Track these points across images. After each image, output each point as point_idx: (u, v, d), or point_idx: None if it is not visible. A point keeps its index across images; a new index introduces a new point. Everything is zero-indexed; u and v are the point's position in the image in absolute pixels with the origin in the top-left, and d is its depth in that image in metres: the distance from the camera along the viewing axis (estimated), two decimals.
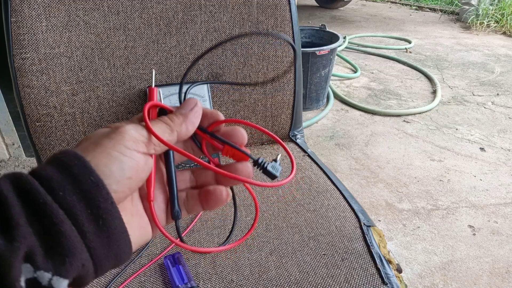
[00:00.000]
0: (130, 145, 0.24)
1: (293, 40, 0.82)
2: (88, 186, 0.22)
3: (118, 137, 0.24)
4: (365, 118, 2.00)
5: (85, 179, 0.22)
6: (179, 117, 0.28)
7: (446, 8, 4.17)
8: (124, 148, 0.24)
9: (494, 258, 1.17)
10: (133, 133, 0.25)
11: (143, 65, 0.76)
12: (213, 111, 0.30)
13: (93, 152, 0.23)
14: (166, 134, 0.27)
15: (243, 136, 0.29)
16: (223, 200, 0.29)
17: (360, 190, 1.46)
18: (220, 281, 0.52)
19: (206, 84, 0.76)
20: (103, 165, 0.23)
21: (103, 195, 0.22)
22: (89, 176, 0.22)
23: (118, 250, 0.23)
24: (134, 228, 0.26)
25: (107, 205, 0.22)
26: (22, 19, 0.67)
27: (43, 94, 0.71)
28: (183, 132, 0.28)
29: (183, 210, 0.30)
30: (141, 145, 0.25)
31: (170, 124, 0.27)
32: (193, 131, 0.28)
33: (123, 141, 0.24)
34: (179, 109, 0.29)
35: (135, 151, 0.25)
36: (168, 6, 0.74)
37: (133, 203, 0.28)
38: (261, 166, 0.29)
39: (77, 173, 0.22)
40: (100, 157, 0.23)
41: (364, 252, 0.56)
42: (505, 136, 1.82)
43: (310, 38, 2.18)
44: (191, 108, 0.28)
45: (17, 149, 1.56)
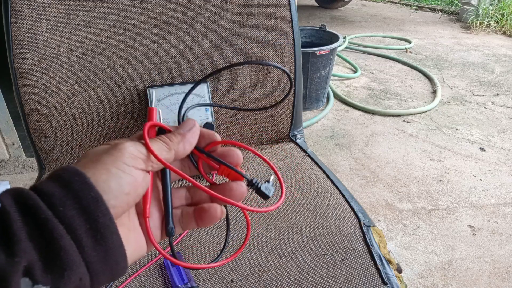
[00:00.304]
0: (129, 162, 0.25)
1: (293, 40, 0.82)
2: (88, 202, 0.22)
3: (118, 153, 0.25)
4: (365, 118, 2.00)
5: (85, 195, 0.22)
6: (177, 136, 0.29)
7: (446, 8, 4.17)
8: (123, 164, 0.25)
9: (494, 258, 1.17)
10: (132, 150, 0.26)
11: (143, 65, 0.76)
12: (210, 132, 0.31)
13: (93, 169, 0.24)
14: (164, 152, 0.27)
15: (238, 157, 0.30)
16: (217, 217, 0.30)
17: (360, 190, 1.46)
18: (220, 281, 0.52)
19: (206, 84, 0.76)
20: (102, 181, 0.24)
21: (102, 211, 0.23)
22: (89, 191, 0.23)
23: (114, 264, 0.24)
24: (130, 243, 0.27)
25: (106, 220, 0.23)
26: (22, 19, 0.67)
27: (43, 94, 0.71)
28: (181, 151, 0.28)
29: (177, 226, 0.31)
30: (139, 162, 0.26)
31: (168, 142, 0.28)
32: (190, 150, 0.29)
33: (122, 157, 0.25)
34: (178, 129, 0.30)
35: (133, 167, 0.25)
36: (168, 6, 0.74)
37: (130, 219, 0.28)
38: (255, 187, 0.30)
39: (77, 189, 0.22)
40: (100, 173, 0.24)
41: (364, 252, 0.56)
42: (505, 136, 1.82)
43: (310, 38, 2.18)
44: (189, 129, 0.29)
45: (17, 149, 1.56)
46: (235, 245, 0.58)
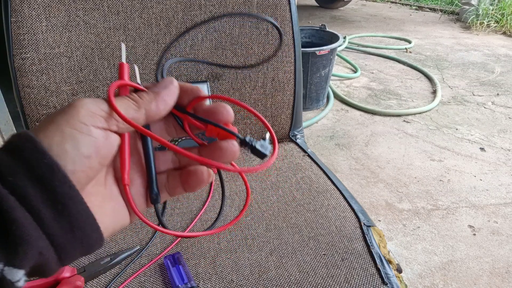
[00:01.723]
0: (86, 120, 0.22)
1: (293, 40, 0.82)
2: (42, 169, 0.20)
3: (73, 111, 0.22)
4: (365, 118, 2.00)
5: (37, 163, 0.20)
6: (150, 95, 0.25)
7: (446, 8, 4.17)
8: (79, 123, 0.22)
9: (494, 258, 1.17)
10: (90, 106, 0.23)
11: (143, 65, 0.76)
12: (193, 87, 0.27)
13: (45, 131, 0.21)
14: (131, 111, 0.24)
15: (228, 113, 0.27)
16: (204, 180, 0.27)
17: (360, 190, 1.46)
18: (220, 281, 0.52)
19: (206, 84, 0.76)
20: (56, 144, 0.21)
21: (59, 178, 0.20)
22: (41, 159, 0.20)
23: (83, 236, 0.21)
24: (106, 212, 0.25)
25: (65, 189, 0.21)
26: (22, 19, 0.67)
27: (43, 94, 0.71)
28: (153, 110, 0.25)
29: (163, 192, 0.28)
30: (99, 119, 0.23)
31: (137, 100, 0.25)
32: (165, 110, 0.26)
33: (78, 115, 0.22)
34: (152, 87, 0.26)
35: (92, 126, 0.22)
36: (168, 6, 0.74)
37: (106, 187, 0.26)
38: (249, 145, 0.26)
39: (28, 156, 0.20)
40: (52, 135, 0.21)
41: (364, 252, 0.56)
42: (505, 136, 1.82)
43: (310, 38, 2.18)
44: (164, 86, 0.26)
45: None
46: (234, 245, 0.58)
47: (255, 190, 0.70)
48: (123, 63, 0.27)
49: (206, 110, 0.27)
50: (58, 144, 0.21)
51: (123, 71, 0.27)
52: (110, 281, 0.52)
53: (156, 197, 0.27)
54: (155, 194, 0.27)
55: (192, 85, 0.28)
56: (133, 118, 0.24)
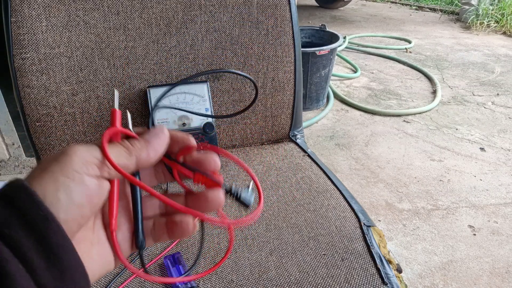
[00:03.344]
0: (79, 169, 0.23)
1: (293, 40, 0.82)
2: (36, 220, 0.20)
3: (66, 159, 0.23)
4: (365, 118, 2.00)
5: (32, 213, 0.20)
6: (141, 142, 0.26)
7: (446, 8, 4.17)
8: (72, 172, 0.22)
9: (494, 258, 1.17)
10: (83, 154, 0.23)
11: (143, 65, 0.76)
12: (184, 136, 0.29)
13: (39, 180, 0.22)
14: (123, 158, 0.25)
15: (215, 163, 0.28)
16: (189, 231, 0.27)
17: (360, 190, 1.46)
18: (220, 281, 0.52)
19: (206, 84, 0.76)
20: (50, 193, 0.21)
21: (53, 228, 0.21)
22: (37, 209, 0.21)
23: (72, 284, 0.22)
24: (93, 258, 0.25)
25: (58, 239, 0.21)
26: (22, 19, 0.67)
27: (43, 94, 0.71)
28: (143, 158, 0.26)
29: (149, 238, 0.28)
30: (92, 167, 0.23)
31: (129, 147, 0.26)
32: (155, 158, 0.27)
33: (72, 164, 0.23)
34: (144, 135, 0.27)
35: (85, 174, 0.23)
36: (168, 6, 0.74)
37: (94, 232, 0.26)
38: (234, 195, 0.28)
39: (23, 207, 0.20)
40: (46, 184, 0.22)
41: (364, 252, 0.56)
42: (505, 136, 1.82)
43: (310, 38, 2.18)
44: (155, 134, 0.27)
45: (17, 149, 1.56)
46: (235, 245, 0.58)
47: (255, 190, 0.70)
48: (115, 110, 0.28)
49: (195, 159, 0.28)
50: (52, 193, 0.21)
51: (115, 117, 0.28)
52: (110, 281, 0.52)
53: (141, 243, 0.28)
54: (141, 240, 0.28)
55: (183, 134, 0.29)
56: (124, 165, 0.25)
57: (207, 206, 0.27)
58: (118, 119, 0.28)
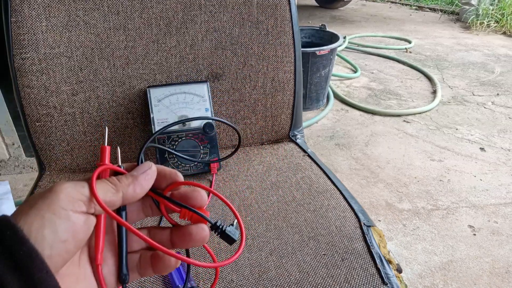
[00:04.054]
0: (65, 205, 0.23)
1: (293, 40, 0.82)
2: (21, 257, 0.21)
3: (53, 196, 0.23)
4: (365, 118, 2.00)
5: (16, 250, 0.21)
6: (128, 178, 0.27)
7: (446, 8, 4.17)
8: (58, 208, 0.23)
9: (494, 258, 1.17)
10: (70, 191, 0.24)
11: (143, 65, 0.76)
12: (172, 172, 0.29)
13: (25, 216, 0.22)
14: (110, 194, 0.25)
15: (202, 199, 0.29)
16: (171, 267, 0.28)
17: (360, 190, 1.46)
18: (220, 281, 0.52)
19: (206, 84, 0.76)
20: (35, 229, 0.22)
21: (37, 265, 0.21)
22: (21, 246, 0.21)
23: None
24: None
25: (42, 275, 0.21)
26: (22, 19, 0.67)
27: (43, 94, 0.71)
28: (130, 193, 0.26)
29: (134, 273, 0.29)
30: (79, 204, 0.24)
31: (116, 184, 0.26)
32: (142, 194, 0.27)
33: (58, 200, 0.23)
34: (131, 171, 0.28)
35: (71, 211, 0.23)
36: (168, 6, 0.74)
37: (80, 267, 0.26)
38: (219, 230, 0.29)
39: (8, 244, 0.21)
40: (32, 220, 0.22)
41: (364, 252, 0.56)
42: (505, 136, 1.82)
43: (310, 38, 2.18)
44: (143, 171, 0.28)
45: (17, 149, 1.56)
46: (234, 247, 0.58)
47: (255, 190, 0.70)
48: (105, 146, 0.29)
49: (182, 194, 0.29)
50: (37, 229, 0.22)
51: (105, 154, 0.28)
52: None
53: (124, 277, 0.28)
54: (124, 275, 0.28)
55: (171, 170, 0.29)
56: (110, 201, 0.26)
57: (191, 241, 0.28)
58: (107, 155, 0.28)
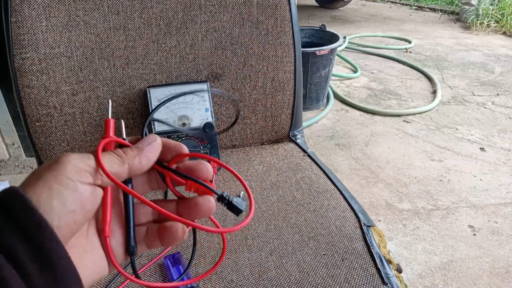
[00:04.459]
0: (73, 176, 0.23)
1: (293, 40, 0.82)
2: (31, 227, 0.21)
3: (60, 167, 0.23)
4: (365, 118, 2.00)
5: (26, 220, 0.21)
6: (134, 150, 0.27)
7: (446, 8, 4.17)
8: (66, 179, 0.23)
9: (494, 258, 1.17)
10: (76, 162, 0.24)
11: (143, 65, 0.76)
12: (176, 144, 0.29)
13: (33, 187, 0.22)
14: (116, 165, 0.26)
15: (208, 171, 0.29)
16: (178, 238, 0.28)
17: (360, 190, 1.46)
18: (220, 281, 0.52)
19: (206, 84, 0.76)
20: (43, 200, 0.22)
21: (46, 235, 0.21)
22: (31, 216, 0.21)
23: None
24: (87, 265, 0.26)
25: (52, 245, 0.21)
26: (22, 19, 0.67)
27: (43, 94, 0.71)
28: (136, 165, 0.26)
29: (142, 245, 0.29)
30: (85, 175, 0.24)
31: (121, 155, 0.26)
32: (147, 165, 0.27)
33: (65, 171, 0.23)
34: (136, 143, 0.28)
35: (78, 182, 0.23)
36: (168, 6, 0.74)
37: (88, 238, 0.27)
38: (226, 201, 0.28)
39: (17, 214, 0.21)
40: (40, 191, 0.22)
41: (364, 252, 0.56)
42: (505, 136, 1.82)
43: (310, 38, 2.18)
44: (148, 143, 0.27)
45: (17, 149, 1.56)
46: (235, 245, 0.58)
47: (255, 190, 0.70)
48: (109, 119, 0.28)
49: (188, 166, 0.29)
50: (46, 200, 0.22)
51: (109, 126, 0.28)
52: (110, 281, 0.52)
53: (133, 249, 0.28)
54: (132, 247, 0.28)
55: (176, 143, 0.29)
56: (116, 173, 0.25)
57: (197, 212, 0.28)
58: (111, 128, 0.28)
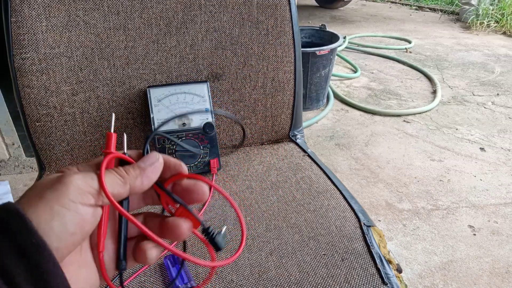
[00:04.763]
0: (75, 198, 0.23)
1: (293, 40, 0.82)
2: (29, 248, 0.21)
3: (63, 188, 0.23)
4: (365, 118, 2.00)
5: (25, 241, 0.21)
6: (136, 170, 0.27)
7: (446, 8, 4.17)
8: (68, 201, 0.23)
9: (494, 258, 1.17)
10: (79, 183, 0.23)
11: (143, 65, 0.76)
12: (176, 163, 0.29)
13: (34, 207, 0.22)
14: (118, 187, 0.26)
15: (203, 194, 0.28)
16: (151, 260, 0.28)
17: (360, 190, 1.46)
18: (220, 281, 0.52)
19: (206, 84, 0.76)
20: (44, 221, 0.22)
21: (45, 257, 0.21)
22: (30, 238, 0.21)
23: None
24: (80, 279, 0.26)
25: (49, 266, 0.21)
26: (22, 19, 0.67)
27: (43, 94, 0.71)
28: (137, 186, 0.27)
29: (130, 259, 0.29)
30: (88, 197, 0.24)
31: (124, 176, 0.26)
32: (148, 186, 0.27)
33: (68, 193, 0.23)
34: (139, 162, 0.28)
35: (80, 204, 0.23)
36: (168, 6, 0.74)
37: (81, 254, 0.27)
38: (210, 236, 0.29)
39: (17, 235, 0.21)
40: (41, 212, 0.22)
41: (364, 252, 0.56)
42: (505, 136, 1.82)
43: (310, 38, 2.18)
44: (151, 163, 0.27)
45: (17, 149, 1.56)
46: (234, 245, 0.58)
47: (255, 190, 0.70)
48: (111, 133, 0.28)
49: (185, 187, 0.29)
50: (46, 221, 0.22)
51: (111, 141, 0.28)
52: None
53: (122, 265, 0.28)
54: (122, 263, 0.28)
55: (176, 161, 0.29)
56: (118, 193, 0.26)
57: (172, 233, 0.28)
58: (113, 143, 0.28)
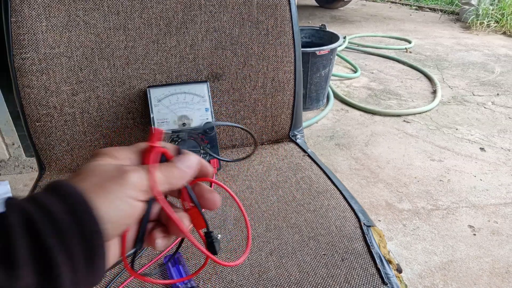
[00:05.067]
0: (132, 194, 0.26)
1: (293, 40, 0.82)
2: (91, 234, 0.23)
3: (123, 182, 0.25)
4: (365, 118, 2.00)
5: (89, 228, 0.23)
6: (179, 171, 0.29)
7: (446, 8, 4.17)
8: (126, 196, 0.25)
9: (494, 258, 1.17)
10: (135, 181, 0.26)
11: (143, 65, 0.76)
12: (207, 167, 0.31)
13: (98, 197, 0.24)
14: (163, 185, 0.27)
15: (215, 203, 0.30)
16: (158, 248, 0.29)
17: (360, 190, 1.46)
18: (220, 281, 0.52)
19: (206, 84, 0.76)
20: (104, 210, 0.24)
21: (100, 243, 0.24)
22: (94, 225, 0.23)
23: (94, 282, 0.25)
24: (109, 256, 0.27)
25: (100, 250, 0.24)
26: (22, 19, 0.67)
27: (43, 94, 0.71)
28: (176, 186, 0.29)
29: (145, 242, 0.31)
30: (142, 194, 0.26)
31: (168, 177, 0.28)
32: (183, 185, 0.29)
33: (127, 189, 0.25)
34: (181, 162, 0.29)
35: (135, 199, 0.26)
36: (168, 6, 0.74)
37: None
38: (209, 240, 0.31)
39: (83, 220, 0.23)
40: (105, 202, 0.24)
41: (364, 252, 0.56)
42: (505, 136, 1.82)
43: (310, 38, 2.18)
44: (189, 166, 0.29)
45: (17, 149, 1.56)
46: (234, 245, 0.58)
47: (255, 190, 0.70)
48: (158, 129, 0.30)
49: (202, 189, 0.31)
50: (107, 212, 0.24)
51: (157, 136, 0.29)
52: (110, 281, 0.52)
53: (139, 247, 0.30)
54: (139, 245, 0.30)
55: (207, 164, 0.31)
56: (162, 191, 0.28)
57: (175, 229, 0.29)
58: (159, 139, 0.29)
